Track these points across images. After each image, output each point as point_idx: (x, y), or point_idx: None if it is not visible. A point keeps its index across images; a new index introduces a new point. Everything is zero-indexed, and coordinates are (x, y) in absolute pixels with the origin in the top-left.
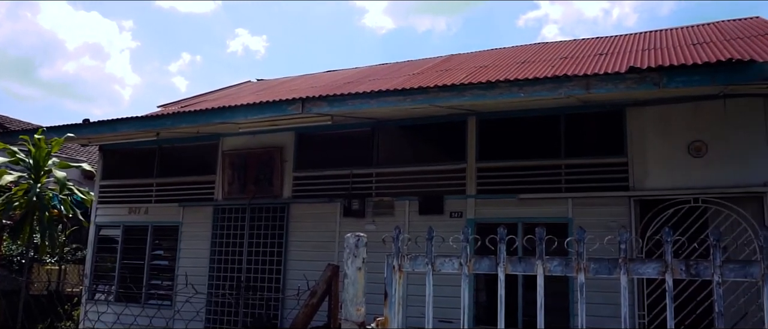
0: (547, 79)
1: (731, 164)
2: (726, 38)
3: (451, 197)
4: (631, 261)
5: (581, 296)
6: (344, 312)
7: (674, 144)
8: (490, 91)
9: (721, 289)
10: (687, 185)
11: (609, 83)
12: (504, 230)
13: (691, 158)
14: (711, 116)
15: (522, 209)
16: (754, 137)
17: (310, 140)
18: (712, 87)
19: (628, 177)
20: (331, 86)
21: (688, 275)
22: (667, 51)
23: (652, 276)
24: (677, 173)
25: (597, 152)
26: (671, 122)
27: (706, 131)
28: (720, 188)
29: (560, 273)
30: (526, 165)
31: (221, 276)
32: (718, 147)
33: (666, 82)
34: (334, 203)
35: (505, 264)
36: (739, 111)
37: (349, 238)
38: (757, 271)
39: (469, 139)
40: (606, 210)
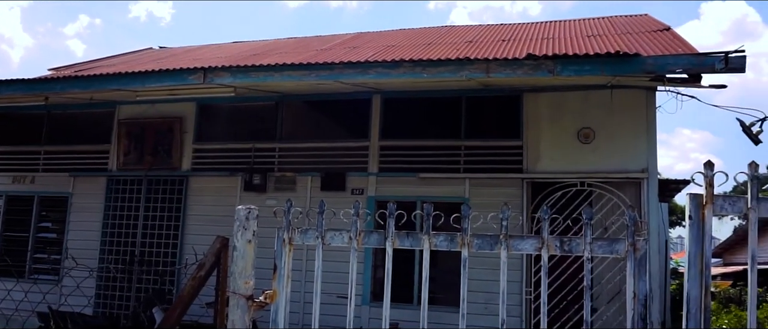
0: (450, 61)
1: (615, 151)
2: (617, 32)
3: (354, 174)
4: (511, 237)
5: (464, 270)
6: (232, 285)
7: (565, 130)
8: (394, 70)
9: (590, 264)
10: (575, 169)
11: (508, 68)
12: (393, 206)
13: (580, 144)
14: (599, 105)
15: (422, 187)
16: (636, 126)
17: (212, 112)
18: (601, 77)
19: (523, 160)
20: (236, 57)
21: (562, 251)
22: (563, 41)
23: (529, 251)
24: (567, 157)
25: (495, 134)
26: (563, 109)
27: (594, 119)
28: (604, 173)
29: (446, 248)
30: (428, 145)
31: (114, 250)
32: (604, 135)
33: (560, 70)
34: (235, 177)
35: (393, 238)
36: (624, 102)
37: (240, 210)
38: (622, 247)
39: (373, 117)
40: (500, 191)
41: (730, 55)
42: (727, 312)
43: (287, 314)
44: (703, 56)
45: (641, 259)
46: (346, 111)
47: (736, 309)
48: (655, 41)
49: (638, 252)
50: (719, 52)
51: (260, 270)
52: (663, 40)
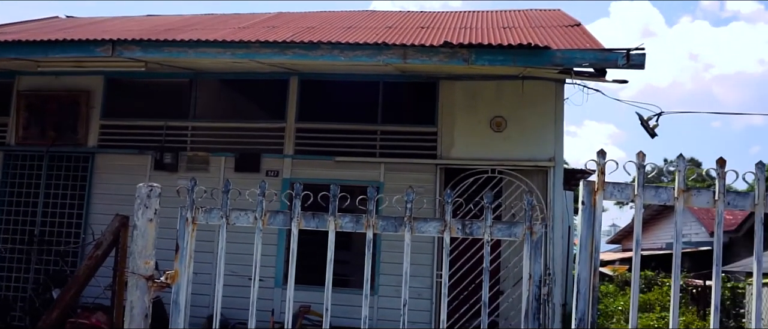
0: (368, 45)
1: (525, 140)
2: (531, 25)
3: (269, 156)
4: (415, 219)
5: (368, 252)
6: (131, 265)
7: (478, 118)
8: (312, 51)
9: (489, 246)
10: (487, 156)
11: (424, 54)
12: (300, 186)
13: (492, 132)
14: (511, 95)
15: (338, 171)
16: (545, 117)
17: (121, 87)
18: (514, 68)
19: (437, 146)
20: (149, 30)
21: (464, 233)
22: (480, 31)
23: (432, 233)
24: (479, 145)
25: (411, 120)
26: (477, 98)
27: (506, 108)
28: (514, 161)
29: (351, 229)
30: (345, 129)
31: (11, 229)
32: (516, 124)
33: (474, 59)
34: (145, 156)
35: (298, 219)
36: (535, 93)
37: (141, 188)
38: (520, 231)
39: (290, 98)
40: (415, 176)
41: (631, 52)
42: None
43: (189, 295)
44: (607, 52)
45: (537, 242)
46: (263, 91)
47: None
48: (565, 36)
49: (535, 236)
50: (621, 48)
51: (169, 252)
52: (573, 35)
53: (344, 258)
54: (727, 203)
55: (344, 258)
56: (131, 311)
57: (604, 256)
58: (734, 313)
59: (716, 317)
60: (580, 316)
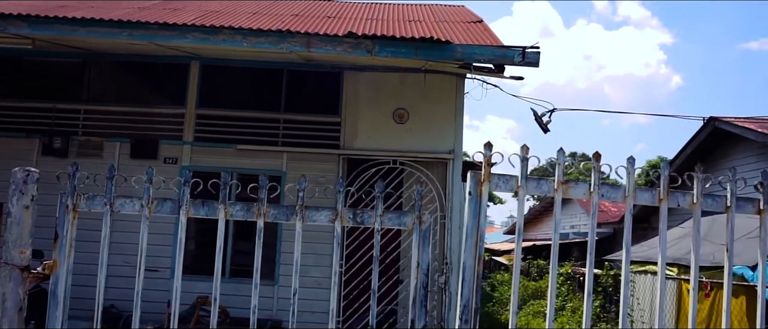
0: (271, 32)
1: (426, 132)
2: (435, 20)
3: (167, 142)
4: (307, 208)
5: (259, 240)
6: (5, 255)
7: (382, 110)
8: (213, 36)
9: (379, 236)
10: (389, 147)
11: (328, 44)
12: (189, 173)
13: (395, 124)
14: (414, 88)
15: (239, 159)
16: (446, 110)
17: (6, 65)
18: (416, 61)
19: (340, 136)
20: (41, 6)
21: (355, 222)
22: (385, 23)
23: (323, 222)
24: (382, 136)
25: (314, 110)
26: (381, 89)
27: (409, 100)
28: (415, 153)
29: (242, 218)
30: (247, 116)
31: None
32: (417, 116)
33: (378, 50)
34: (33, 140)
35: (187, 207)
36: (437, 86)
37: (17, 173)
38: (409, 220)
39: (191, 84)
40: (318, 166)
41: (527, 50)
42: None
43: (69, 286)
44: (505, 49)
45: (426, 231)
46: (162, 75)
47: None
48: (467, 32)
49: (423, 225)
50: (518, 46)
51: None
52: (474, 31)
53: (247, 248)
54: (602, 195)
55: (247, 248)
56: (3, 304)
57: (501, 246)
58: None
59: (589, 301)
60: (465, 302)
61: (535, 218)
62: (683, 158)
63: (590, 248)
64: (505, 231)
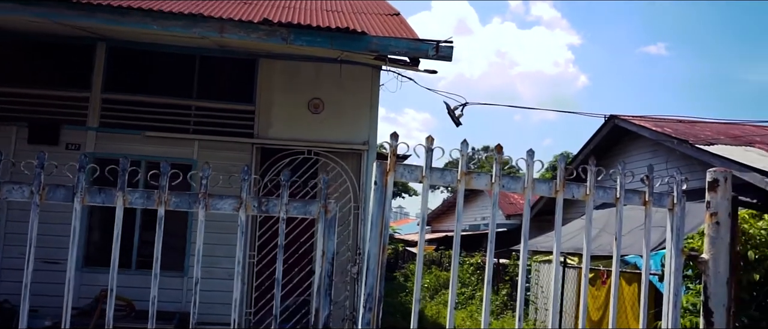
0: (183, 15)
1: (341, 123)
2: (353, 11)
3: (70, 128)
4: (211, 196)
5: (159, 229)
6: None
7: (297, 99)
8: (122, 17)
9: (284, 224)
10: (304, 137)
11: (242, 30)
12: (85, 158)
13: (310, 114)
14: (330, 78)
15: (148, 147)
16: (361, 101)
17: None
18: (332, 51)
19: (254, 125)
20: None
21: (260, 211)
22: (302, 12)
23: (228, 211)
24: (297, 125)
25: (228, 97)
26: (296, 79)
27: (324, 90)
28: (330, 143)
29: (141, 206)
30: (156, 102)
31: None
32: (333, 107)
33: (293, 38)
34: None
35: (82, 194)
36: (352, 77)
37: None
38: (314, 209)
39: (97, 66)
40: (230, 155)
41: (441, 44)
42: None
43: None
44: (419, 42)
45: (331, 221)
46: (65, 56)
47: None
48: (384, 24)
49: (329, 214)
50: (432, 40)
51: None
52: (391, 23)
53: (150, 238)
54: (502, 186)
55: (150, 237)
56: None
57: (416, 237)
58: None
59: (488, 289)
60: (369, 291)
61: (449, 209)
62: (586, 152)
63: (491, 236)
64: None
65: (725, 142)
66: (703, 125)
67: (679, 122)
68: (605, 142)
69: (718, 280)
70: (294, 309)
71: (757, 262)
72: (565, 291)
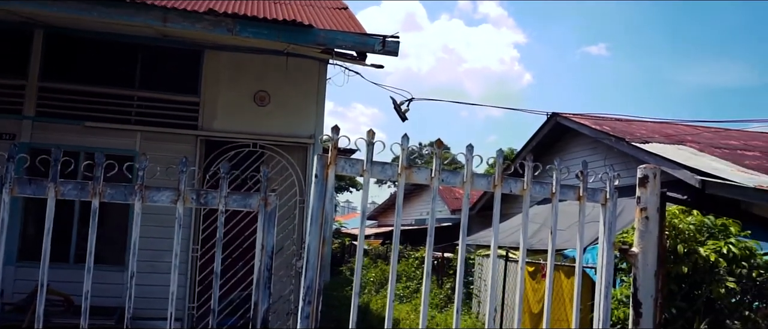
0: (125, 3)
1: (287, 116)
2: (301, 4)
3: (5, 117)
4: (148, 188)
5: (93, 221)
6: None
7: (243, 91)
8: (59, 2)
9: (223, 217)
10: (250, 130)
11: (186, 20)
12: (15, 148)
13: (256, 107)
14: (276, 71)
15: (88, 137)
16: (308, 95)
17: None
18: (279, 43)
19: (199, 117)
20: None
21: (198, 203)
22: (248, 3)
23: (165, 203)
24: (243, 118)
25: (172, 88)
26: (242, 71)
27: (270, 83)
28: (276, 136)
29: (74, 198)
30: (97, 92)
31: None
32: (279, 99)
33: (239, 30)
34: None
35: (11, 185)
36: (299, 70)
37: None
38: (255, 202)
39: (34, 54)
40: (174, 147)
41: (387, 39)
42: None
43: None
44: (366, 37)
45: (271, 213)
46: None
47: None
48: (331, 17)
49: (269, 207)
50: (378, 35)
51: None
52: (339, 17)
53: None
54: (442, 180)
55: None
56: None
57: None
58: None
59: (427, 282)
60: (309, 284)
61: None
62: (529, 149)
63: (430, 230)
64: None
65: (660, 140)
66: (639, 123)
67: (617, 121)
68: (548, 139)
69: (647, 272)
70: (238, 303)
71: (686, 255)
72: (508, 284)
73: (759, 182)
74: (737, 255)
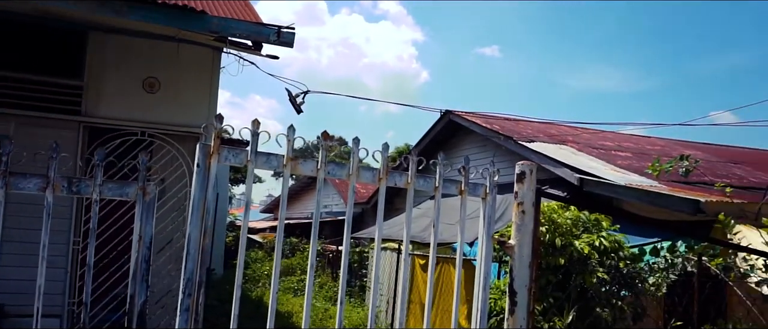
0: None
1: (179, 105)
2: None
3: None
4: (12, 174)
5: None
6: None
7: (131, 77)
8: None
9: (97, 207)
10: (138, 118)
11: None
12: None
13: (145, 93)
14: (167, 57)
15: None
16: (201, 83)
17: None
18: (171, 29)
19: (82, 102)
20: None
21: (70, 191)
22: None
23: (33, 191)
24: (130, 105)
25: (52, 71)
26: (131, 55)
27: (161, 70)
28: (167, 125)
29: None
30: None
31: None
32: (170, 87)
33: (127, 12)
34: None
35: None
36: (191, 58)
37: None
38: (132, 191)
39: None
40: (54, 133)
41: (283, 30)
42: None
43: None
44: (261, 26)
45: (150, 203)
46: None
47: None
48: (227, 6)
49: (148, 197)
50: (274, 25)
51: None
52: (235, 6)
53: None
54: (328, 173)
55: None
56: None
57: (258, 224)
58: (360, 274)
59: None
60: (188, 276)
61: (293, 197)
62: (424, 144)
63: (315, 223)
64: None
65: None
66: (526, 123)
67: (506, 120)
68: (442, 135)
69: (523, 263)
70: (123, 297)
71: (563, 248)
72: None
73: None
74: (608, 248)
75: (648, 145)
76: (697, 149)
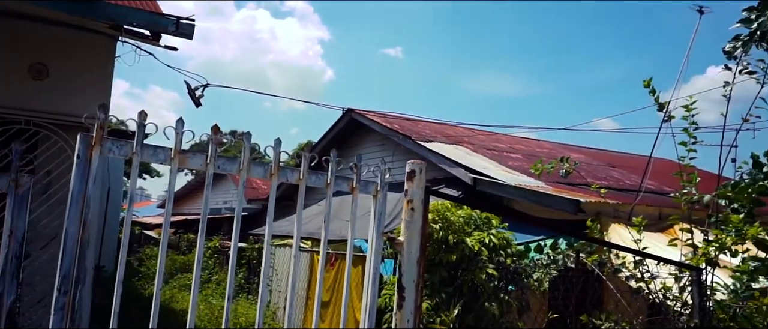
0: None
1: (69, 94)
2: None
3: None
4: None
5: None
6: None
7: (16, 62)
8: None
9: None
10: (23, 106)
11: None
12: None
13: (31, 80)
14: (59, 44)
15: None
16: (94, 73)
17: None
18: (64, 14)
19: None
20: None
21: None
22: None
23: None
24: (15, 92)
25: None
26: (17, 39)
27: (51, 56)
28: (55, 114)
29: None
30: None
31: None
32: (60, 75)
33: None
34: None
35: None
36: (85, 45)
37: None
38: (3, 183)
39: None
40: None
41: (182, 21)
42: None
43: None
44: (159, 16)
45: (23, 196)
46: None
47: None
48: None
49: (21, 189)
50: (172, 15)
51: None
52: None
53: None
54: (218, 167)
55: None
56: None
57: (153, 220)
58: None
59: (197, 270)
60: (65, 273)
61: (189, 193)
62: (325, 142)
63: (203, 218)
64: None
65: (441, 140)
66: (424, 123)
67: (406, 120)
68: (344, 133)
69: (411, 259)
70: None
71: (455, 245)
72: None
73: (519, 180)
74: (497, 245)
75: (537, 147)
76: (582, 152)
